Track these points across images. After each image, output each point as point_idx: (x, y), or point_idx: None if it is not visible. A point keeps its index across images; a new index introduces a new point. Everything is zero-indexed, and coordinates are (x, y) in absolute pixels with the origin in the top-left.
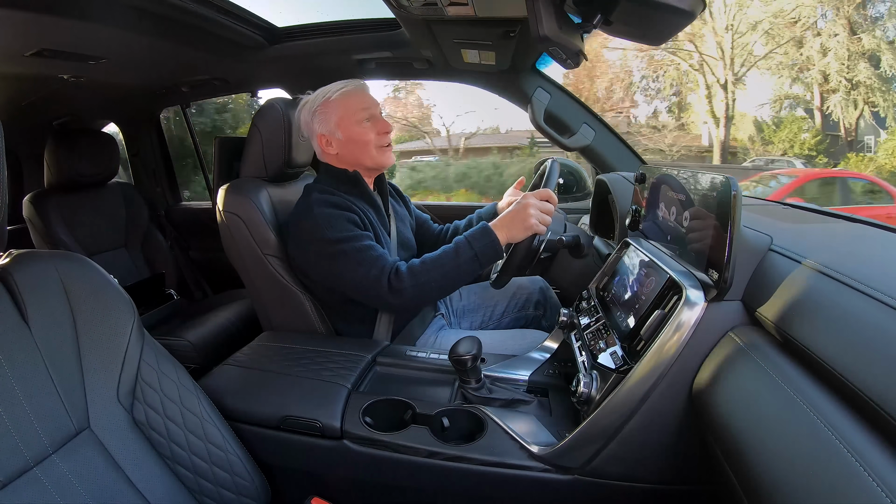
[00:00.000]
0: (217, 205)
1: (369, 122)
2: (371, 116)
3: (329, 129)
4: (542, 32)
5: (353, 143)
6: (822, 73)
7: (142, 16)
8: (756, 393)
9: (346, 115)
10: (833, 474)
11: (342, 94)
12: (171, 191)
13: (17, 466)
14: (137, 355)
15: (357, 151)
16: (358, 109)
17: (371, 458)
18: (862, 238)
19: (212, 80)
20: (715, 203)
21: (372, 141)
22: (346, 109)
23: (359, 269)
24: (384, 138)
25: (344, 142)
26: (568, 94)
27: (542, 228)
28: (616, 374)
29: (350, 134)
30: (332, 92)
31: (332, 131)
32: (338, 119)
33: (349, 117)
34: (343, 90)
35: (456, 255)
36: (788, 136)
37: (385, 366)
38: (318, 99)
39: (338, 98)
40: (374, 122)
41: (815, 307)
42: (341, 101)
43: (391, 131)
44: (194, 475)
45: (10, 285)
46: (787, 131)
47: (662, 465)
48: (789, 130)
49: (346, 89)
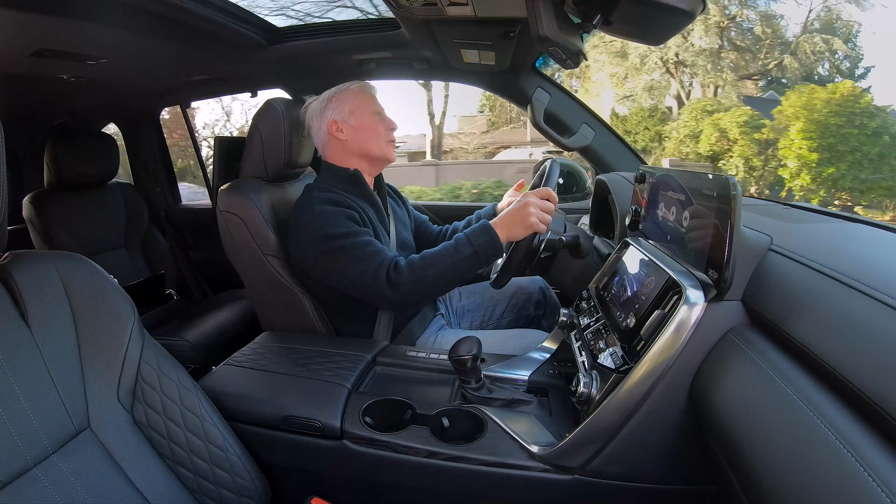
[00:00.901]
0: (217, 205)
1: (379, 117)
2: (380, 113)
3: (343, 116)
4: (542, 33)
5: (364, 130)
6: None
7: (142, 16)
8: (756, 392)
9: (362, 106)
10: (833, 474)
11: (360, 88)
12: (171, 191)
13: (17, 466)
14: (137, 355)
15: (366, 139)
16: (371, 103)
17: (371, 458)
18: (862, 238)
19: (212, 80)
20: (715, 203)
21: (382, 133)
22: (362, 101)
23: (358, 265)
24: (390, 134)
25: (356, 128)
26: (568, 94)
27: (542, 227)
28: (616, 374)
29: (363, 122)
30: (351, 84)
31: (346, 117)
32: (352, 107)
33: (364, 108)
34: (361, 85)
35: (456, 251)
36: (631, 126)
37: (385, 366)
38: (333, 91)
39: (356, 90)
40: (383, 119)
41: (815, 307)
42: (358, 93)
43: (396, 129)
44: (194, 475)
45: (11, 285)
46: (631, 123)
47: (662, 465)
48: (632, 122)
49: (363, 84)
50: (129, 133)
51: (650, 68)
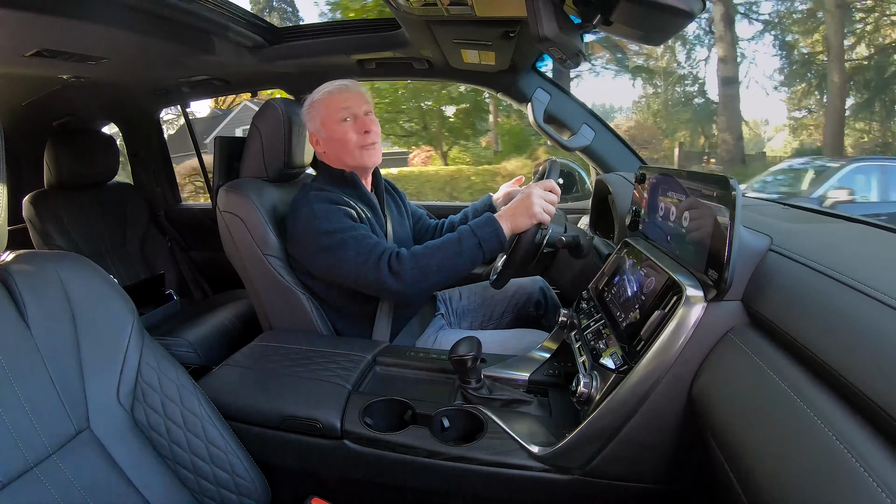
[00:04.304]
0: (217, 205)
1: (350, 122)
2: (352, 116)
3: (315, 128)
4: (542, 33)
5: (335, 142)
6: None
7: (142, 16)
8: (756, 393)
9: (328, 115)
10: (833, 474)
11: (325, 94)
12: (171, 191)
13: (16, 467)
14: (137, 356)
15: (339, 150)
16: (338, 109)
17: (371, 458)
18: (862, 238)
19: (212, 80)
20: (715, 203)
21: (352, 140)
22: (328, 109)
23: (359, 257)
24: (365, 137)
25: (327, 140)
26: (568, 94)
27: (546, 218)
28: (616, 374)
29: (331, 133)
30: (317, 92)
31: (318, 130)
32: (322, 118)
33: (330, 116)
34: (326, 90)
35: (459, 241)
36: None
37: (385, 366)
38: (310, 98)
39: (321, 97)
40: (354, 122)
41: (815, 307)
42: (323, 101)
43: (371, 130)
44: (195, 475)
45: (10, 285)
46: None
47: (662, 465)
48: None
49: (328, 89)
50: (128, 133)
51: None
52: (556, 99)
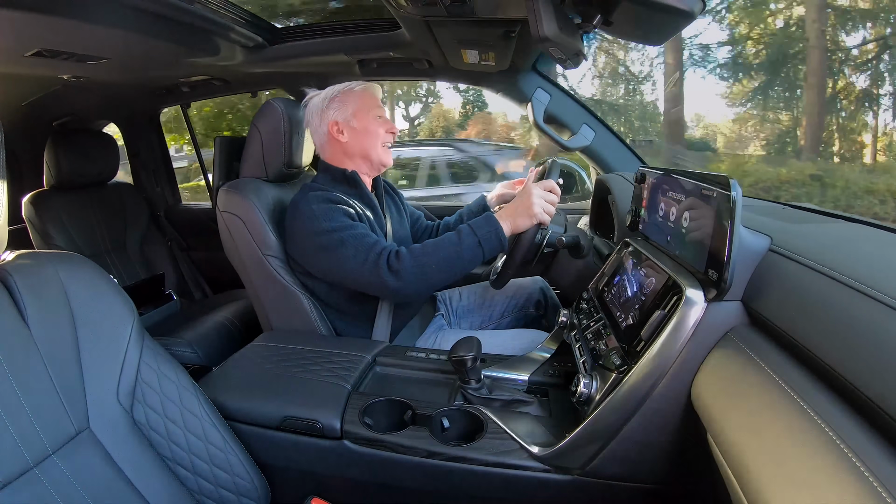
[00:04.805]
0: (217, 205)
1: (381, 119)
2: (382, 116)
3: (345, 117)
4: (542, 33)
5: (365, 134)
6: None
7: (142, 16)
8: (756, 393)
9: (365, 107)
10: (833, 474)
11: (364, 88)
12: (171, 191)
13: (16, 467)
14: (137, 356)
15: (366, 142)
16: (374, 106)
17: (371, 458)
18: (862, 238)
19: (212, 80)
20: (715, 203)
21: (381, 137)
22: (365, 102)
23: (358, 255)
24: (390, 137)
25: (357, 131)
26: (568, 94)
27: (546, 218)
28: (616, 374)
29: (365, 124)
30: (355, 84)
31: (349, 119)
32: (356, 109)
33: (367, 110)
34: (365, 85)
35: (458, 240)
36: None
37: (385, 366)
38: (337, 89)
39: (360, 90)
40: (384, 121)
41: (815, 307)
42: (362, 94)
43: (397, 133)
44: (194, 476)
45: (10, 285)
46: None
47: (662, 465)
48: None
49: (367, 85)
50: (129, 133)
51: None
52: (556, 99)
